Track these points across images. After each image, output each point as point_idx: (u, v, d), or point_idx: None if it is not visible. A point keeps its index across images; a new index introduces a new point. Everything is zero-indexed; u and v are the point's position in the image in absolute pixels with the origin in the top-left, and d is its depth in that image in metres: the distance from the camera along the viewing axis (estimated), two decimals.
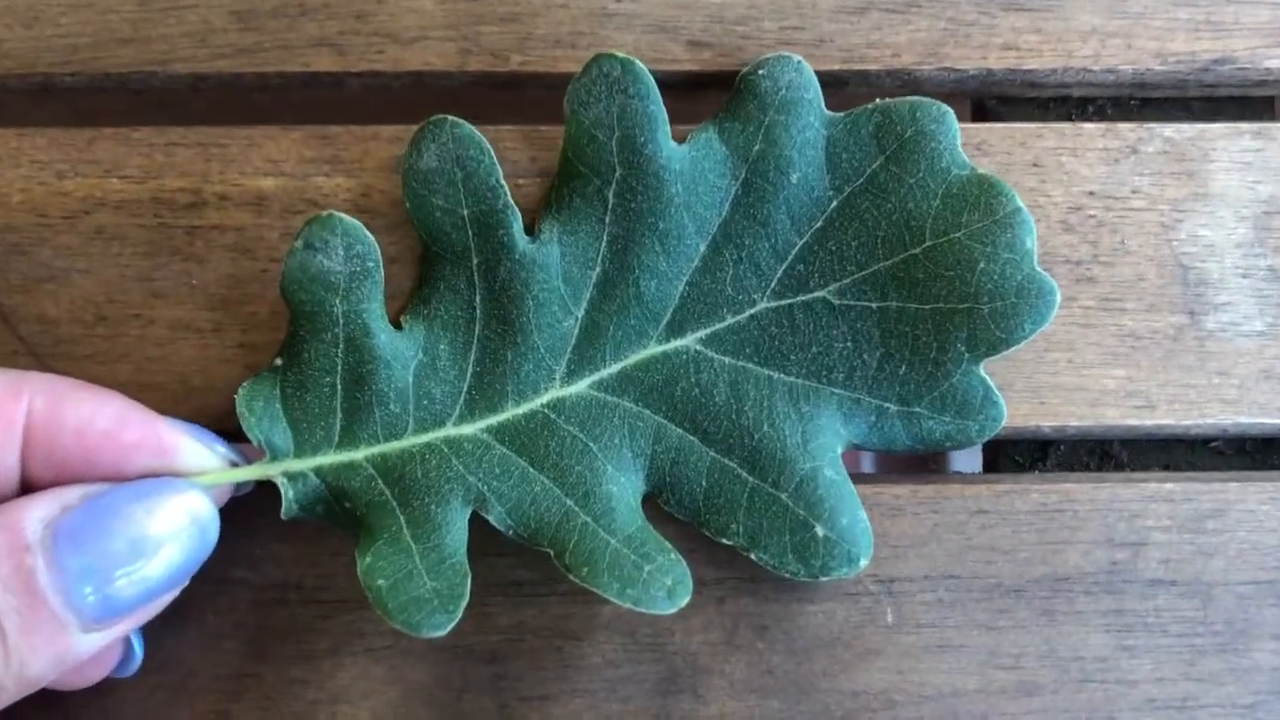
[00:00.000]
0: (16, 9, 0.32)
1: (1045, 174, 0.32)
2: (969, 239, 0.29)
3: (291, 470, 0.29)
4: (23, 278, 0.31)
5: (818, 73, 0.31)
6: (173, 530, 0.26)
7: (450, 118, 0.29)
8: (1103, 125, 0.32)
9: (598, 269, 0.30)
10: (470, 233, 0.29)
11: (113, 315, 0.31)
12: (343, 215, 0.29)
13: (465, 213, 0.29)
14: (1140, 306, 0.32)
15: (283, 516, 0.29)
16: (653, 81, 0.29)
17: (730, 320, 0.30)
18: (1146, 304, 0.31)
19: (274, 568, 0.31)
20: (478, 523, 0.29)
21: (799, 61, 0.29)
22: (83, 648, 0.25)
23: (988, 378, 0.29)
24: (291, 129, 0.31)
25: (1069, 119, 0.33)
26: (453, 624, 0.27)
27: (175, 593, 0.27)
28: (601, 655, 0.30)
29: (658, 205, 0.29)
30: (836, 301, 0.29)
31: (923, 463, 0.45)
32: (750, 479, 0.29)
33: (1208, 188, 0.32)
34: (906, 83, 0.32)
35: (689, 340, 0.30)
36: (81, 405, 0.27)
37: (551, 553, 0.29)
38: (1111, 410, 0.31)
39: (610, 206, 0.29)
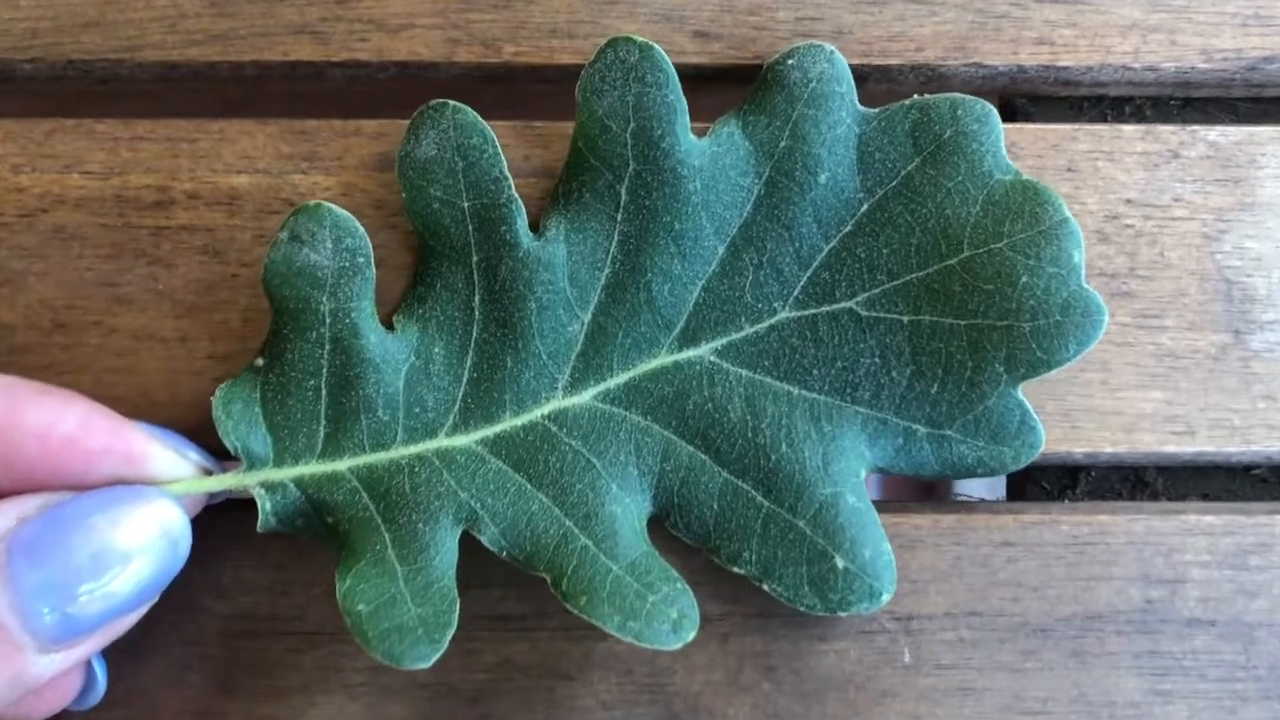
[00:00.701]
0: None
1: (1080, 180, 0.30)
2: (1011, 250, 0.27)
3: (270, 480, 0.27)
4: None
5: None
6: (140, 542, 0.24)
7: (452, 102, 0.27)
8: (1142, 127, 0.30)
9: (607, 270, 0.28)
10: (470, 227, 0.27)
11: (71, 322, 0.29)
12: (332, 205, 0.27)
13: (465, 205, 0.27)
14: (1180, 324, 0.29)
15: (259, 529, 0.27)
16: (672, 69, 0.27)
17: (748, 330, 0.28)
18: (1187, 321, 0.29)
19: (244, 596, 0.29)
20: (465, 546, 0.27)
21: (831, 51, 0.27)
22: (40, 670, 0.23)
23: (1025, 401, 0.27)
24: (267, 122, 0.29)
25: (1104, 120, 0.31)
26: (437, 655, 0.25)
27: (142, 611, 0.25)
28: (595, 696, 0.28)
29: (674, 203, 0.27)
30: (864, 313, 0.27)
31: (927, 487, 0.43)
32: (765, 503, 0.27)
33: (1255, 196, 0.30)
34: (931, 79, 0.30)
35: (703, 350, 0.28)
36: (43, 409, 0.25)
37: (548, 579, 0.27)
38: (1148, 436, 0.29)
39: (622, 203, 0.27)
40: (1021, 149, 0.30)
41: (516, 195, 0.27)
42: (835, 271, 0.28)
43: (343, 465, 0.27)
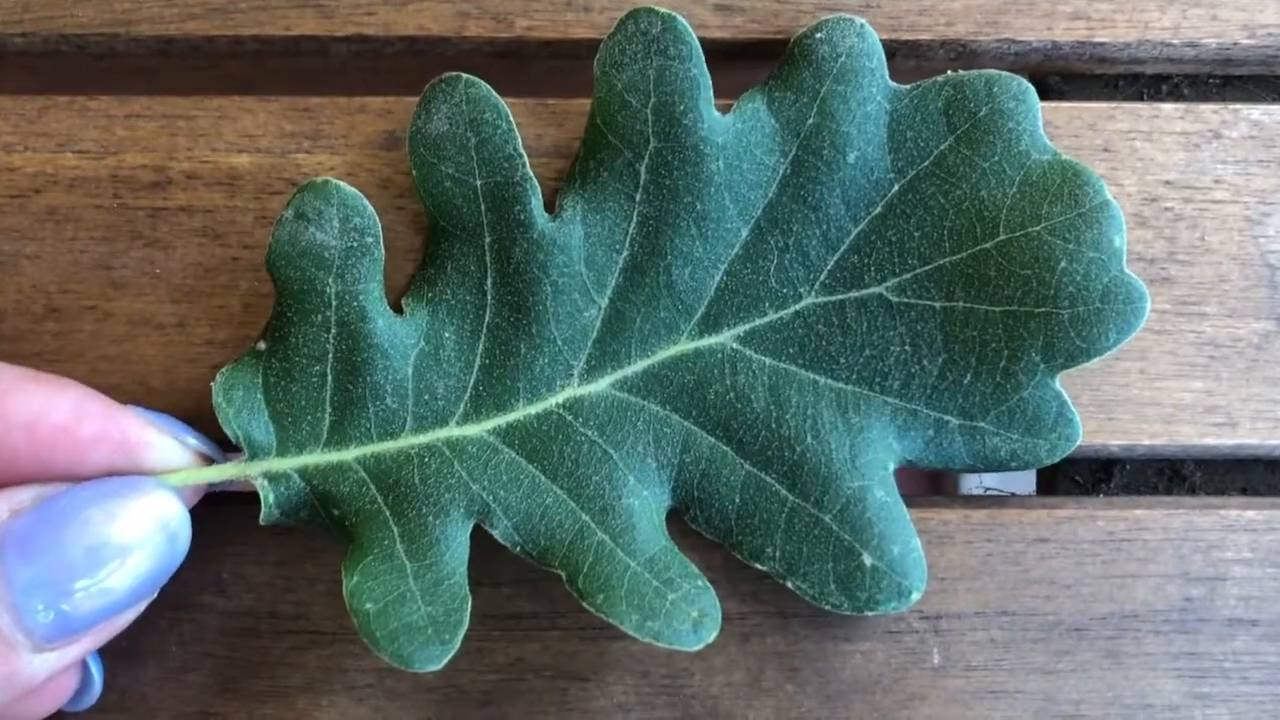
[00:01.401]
0: None
1: (1117, 160, 0.28)
2: (1049, 234, 0.26)
3: (273, 471, 0.26)
4: None
5: None
6: (137, 537, 0.23)
7: (465, 76, 0.26)
8: (1182, 106, 0.29)
9: (625, 252, 0.27)
10: (483, 207, 0.26)
11: (65, 307, 0.28)
12: (340, 182, 0.26)
13: (478, 184, 0.26)
14: (1221, 311, 0.28)
15: (261, 522, 0.26)
16: (696, 41, 0.26)
17: (772, 316, 0.27)
18: (1228, 308, 0.28)
19: (245, 593, 0.28)
20: (476, 543, 0.26)
21: (862, 25, 0.26)
22: (35, 670, 0.22)
23: (1063, 392, 0.26)
24: (269, 100, 0.28)
25: (1140, 99, 0.30)
26: (449, 657, 0.24)
27: (140, 608, 0.24)
28: (610, 698, 0.27)
29: (695, 183, 0.26)
30: (894, 299, 0.26)
31: (934, 480, 0.41)
32: (790, 497, 0.26)
33: None
34: (961, 55, 0.29)
35: (725, 337, 0.27)
36: (32, 397, 0.24)
37: (563, 575, 0.26)
38: (1187, 428, 0.28)
39: (642, 183, 0.26)
40: (1056, 128, 0.28)
41: (531, 174, 0.26)
42: (864, 255, 0.26)
43: (349, 455, 0.26)
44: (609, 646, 0.27)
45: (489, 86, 0.26)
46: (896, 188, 0.26)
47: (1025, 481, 0.31)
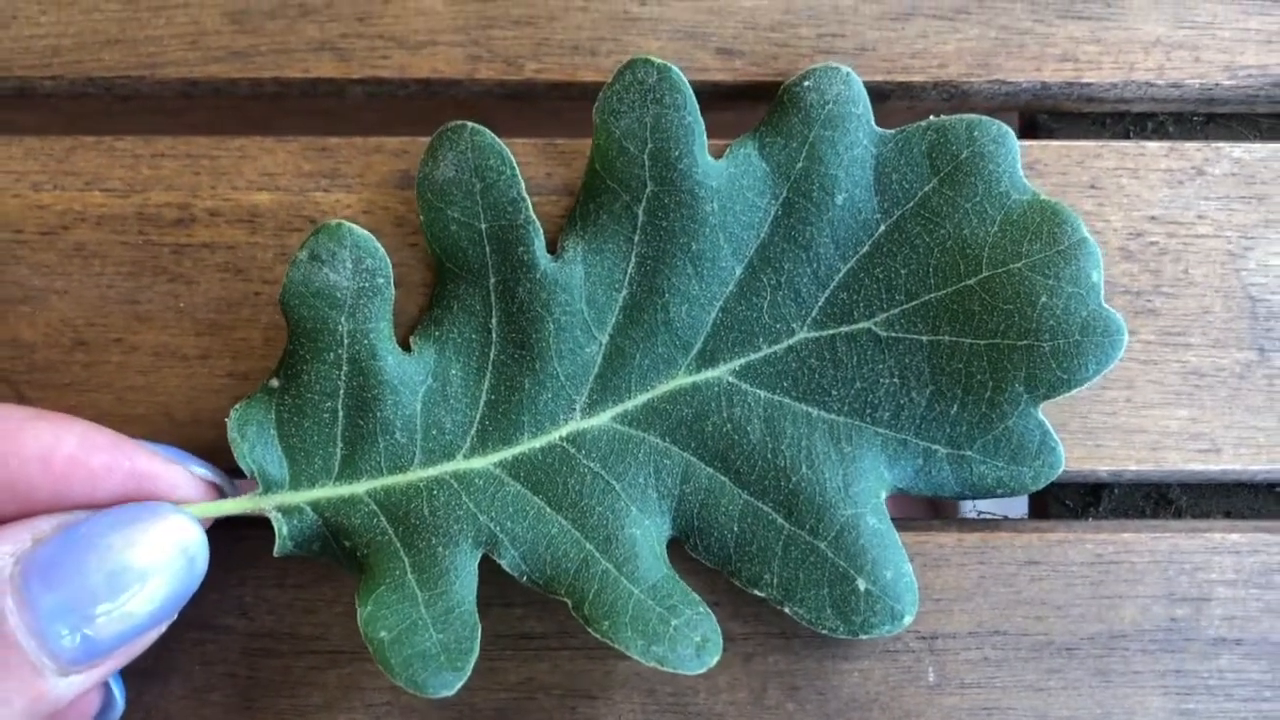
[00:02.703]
0: None
1: (1104, 197, 0.29)
2: (1030, 270, 0.27)
3: (286, 504, 0.27)
4: None
5: None
6: (157, 560, 0.24)
7: (470, 124, 0.27)
8: (1167, 144, 0.30)
9: (624, 291, 0.28)
10: (488, 249, 0.27)
11: (93, 340, 0.29)
12: (353, 225, 0.27)
13: (483, 227, 0.27)
14: (1205, 341, 0.29)
15: (276, 554, 0.27)
16: (690, 90, 0.27)
17: (766, 350, 0.28)
18: (1212, 339, 0.29)
19: (266, 615, 0.28)
20: (486, 566, 0.27)
21: (847, 73, 0.27)
22: (60, 694, 0.23)
23: (1045, 421, 0.27)
24: (288, 140, 0.29)
25: (1127, 136, 0.31)
26: (461, 682, 0.25)
27: (161, 629, 0.25)
28: (618, 716, 0.28)
29: (691, 224, 0.27)
30: (883, 333, 0.27)
31: (932, 503, 0.42)
32: (786, 525, 0.27)
33: (1279, 213, 0.29)
34: (954, 96, 0.30)
35: (721, 371, 0.28)
36: (42, 432, 0.24)
37: (569, 603, 0.26)
38: (1173, 454, 0.29)
39: (640, 225, 0.27)
40: (1045, 165, 0.29)
41: (534, 217, 0.27)
42: (853, 292, 0.27)
43: (360, 488, 0.27)
44: (616, 666, 0.28)
45: (493, 134, 0.27)
46: (883, 228, 0.27)
47: (1017, 505, 0.32)
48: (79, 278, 0.29)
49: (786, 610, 0.27)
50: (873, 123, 0.27)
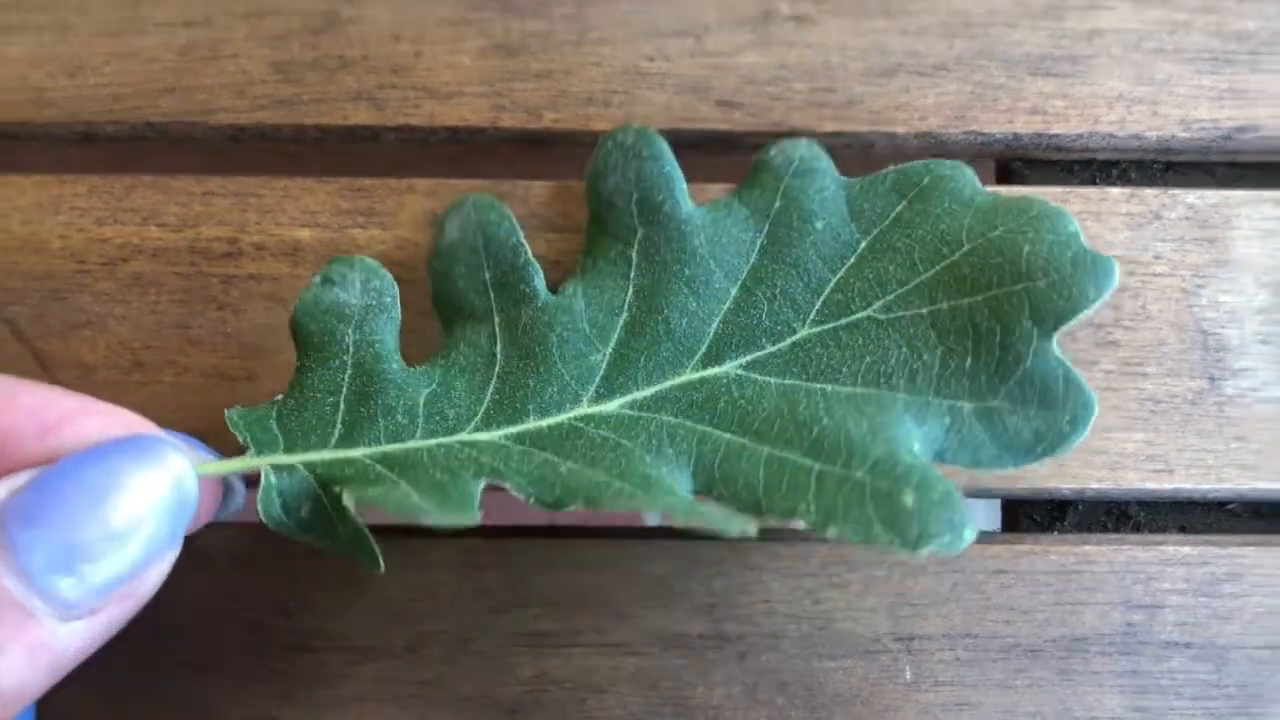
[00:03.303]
0: (61, 58, 0.32)
1: None
2: (1008, 234, 0.27)
3: (280, 463, 0.27)
4: (61, 323, 0.31)
5: (845, 133, 0.32)
6: (141, 487, 0.23)
7: (472, 196, 0.29)
8: (1127, 190, 0.33)
9: (624, 314, 0.29)
10: (492, 295, 0.29)
11: (148, 361, 0.31)
12: (364, 257, 0.29)
13: (487, 276, 0.29)
14: (1161, 371, 0.32)
15: (260, 508, 0.26)
16: (667, 146, 0.29)
17: (771, 349, 0.28)
18: (1167, 368, 0.32)
19: (306, 616, 0.31)
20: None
21: (809, 141, 0.29)
22: (62, 642, 0.22)
23: (1065, 359, 0.26)
24: (327, 181, 0.32)
25: (1093, 182, 0.34)
26: (473, 516, 0.24)
27: (162, 568, 0.24)
28: (624, 707, 0.31)
29: (683, 255, 0.29)
30: (883, 317, 0.28)
31: None
32: (815, 464, 0.26)
33: (1229, 254, 0.32)
34: (933, 145, 0.33)
35: (728, 367, 0.28)
36: (38, 389, 0.24)
37: (578, 507, 0.25)
38: (1131, 474, 0.32)
39: (634, 264, 0.29)
40: None
41: (534, 260, 0.29)
42: (847, 292, 0.28)
43: (357, 453, 0.27)
44: (623, 662, 0.31)
45: (492, 196, 0.29)
46: (864, 243, 0.29)
47: (990, 519, 0.35)
48: (136, 305, 0.32)
49: (831, 534, 0.25)
50: (837, 174, 0.29)
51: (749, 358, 0.29)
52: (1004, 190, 0.32)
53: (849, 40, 0.33)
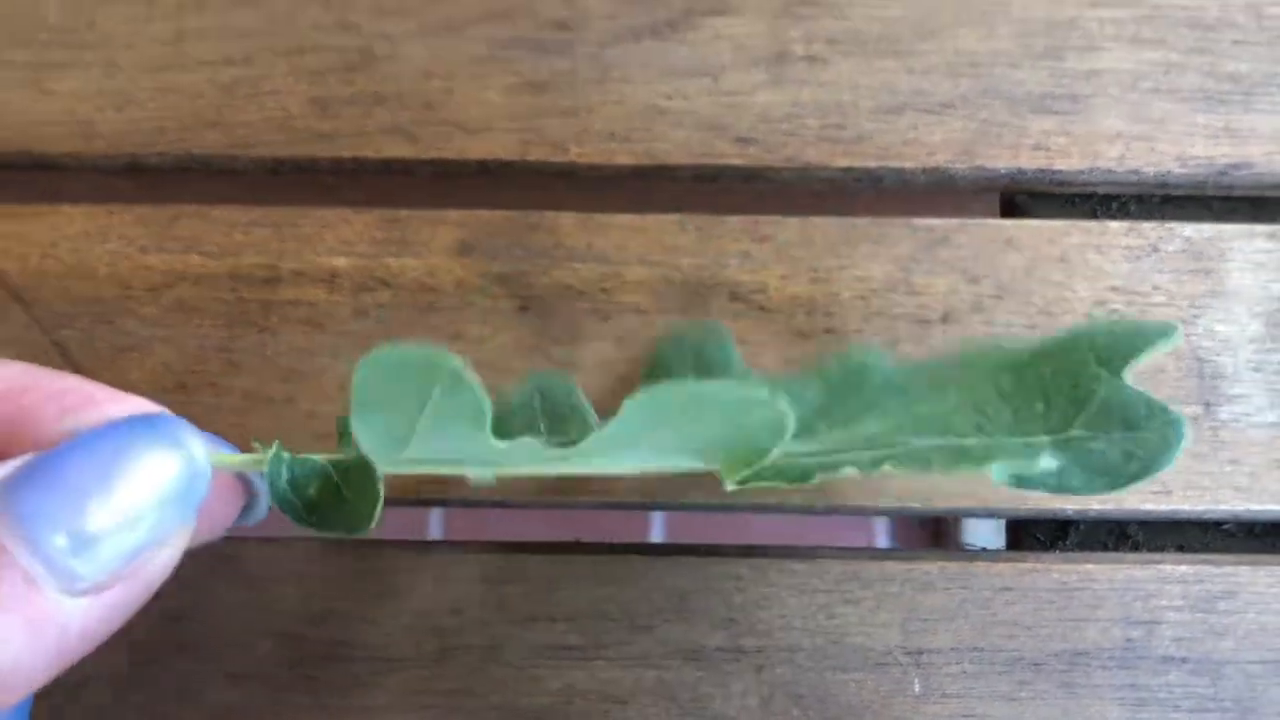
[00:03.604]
0: (108, 93, 0.34)
1: (1072, 269, 0.34)
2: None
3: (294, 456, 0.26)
4: (108, 346, 0.33)
5: (855, 169, 0.34)
6: (150, 458, 0.22)
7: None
8: (1127, 224, 0.34)
9: None
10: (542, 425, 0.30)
11: (191, 384, 0.33)
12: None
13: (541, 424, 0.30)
14: (1159, 397, 0.33)
15: (267, 482, 0.25)
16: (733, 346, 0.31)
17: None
18: (1164, 395, 0.33)
19: (338, 626, 0.33)
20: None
21: None
22: (66, 616, 0.20)
23: (1143, 390, 0.25)
24: (363, 211, 0.33)
25: (1093, 215, 0.35)
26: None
27: (175, 548, 0.23)
28: (646, 718, 0.32)
29: None
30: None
31: (936, 537, 0.47)
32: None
33: (1224, 285, 0.34)
34: (940, 180, 0.34)
35: None
36: (60, 375, 0.24)
37: None
38: (1131, 495, 0.33)
39: None
40: (1021, 242, 0.34)
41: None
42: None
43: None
44: (644, 674, 0.32)
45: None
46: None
47: (995, 538, 0.36)
48: (179, 329, 0.33)
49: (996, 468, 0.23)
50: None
51: None
52: (1010, 223, 0.34)
53: (860, 79, 0.34)
